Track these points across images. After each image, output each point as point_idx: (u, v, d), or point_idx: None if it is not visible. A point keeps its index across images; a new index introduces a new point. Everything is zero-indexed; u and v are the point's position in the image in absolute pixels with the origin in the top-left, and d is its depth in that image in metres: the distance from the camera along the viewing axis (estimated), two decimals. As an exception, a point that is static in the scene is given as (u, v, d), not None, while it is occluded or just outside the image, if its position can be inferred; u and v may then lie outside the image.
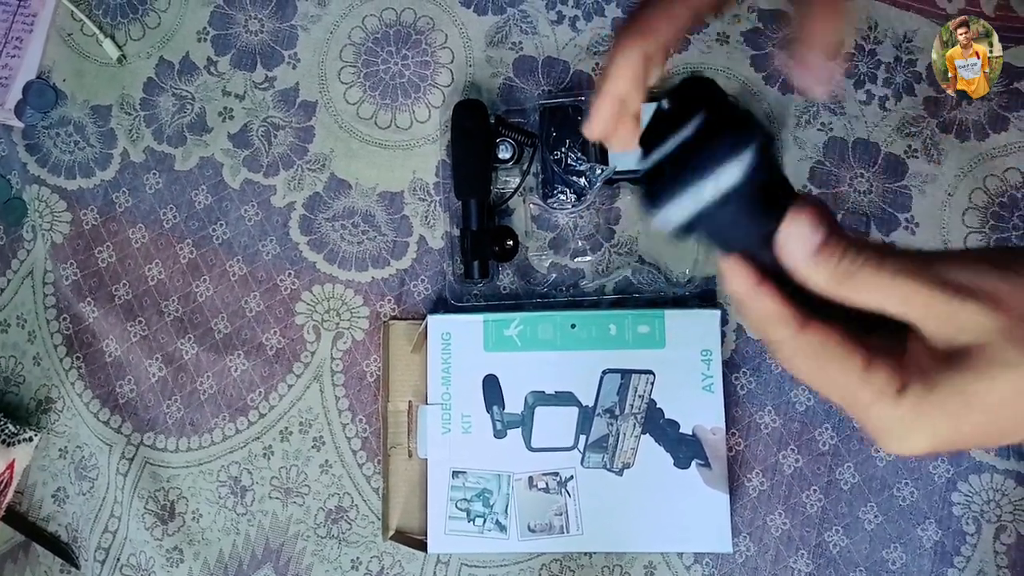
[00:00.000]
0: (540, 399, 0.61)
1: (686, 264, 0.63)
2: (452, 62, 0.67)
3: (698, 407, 0.61)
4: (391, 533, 0.62)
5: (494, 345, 0.62)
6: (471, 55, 0.67)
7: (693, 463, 0.60)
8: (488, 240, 0.62)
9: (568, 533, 0.60)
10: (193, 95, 0.68)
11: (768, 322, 0.30)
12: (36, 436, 0.65)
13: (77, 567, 0.65)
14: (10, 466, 0.64)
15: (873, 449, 0.62)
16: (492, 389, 0.61)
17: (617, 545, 0.61)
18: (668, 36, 0.38)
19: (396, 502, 0.63)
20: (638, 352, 0.61)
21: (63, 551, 0.65)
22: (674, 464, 0.60)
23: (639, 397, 0.61)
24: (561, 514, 0.61)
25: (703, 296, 0.63)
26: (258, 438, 0.65)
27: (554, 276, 0.64)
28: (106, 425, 0.65)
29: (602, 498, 0.60)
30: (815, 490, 0.62)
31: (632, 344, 0.61)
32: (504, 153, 0.63)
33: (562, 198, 0.63)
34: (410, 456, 0.63)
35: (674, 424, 0.61)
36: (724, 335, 0.62)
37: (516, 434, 0.61)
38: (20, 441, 0.64)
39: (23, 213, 0.68)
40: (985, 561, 0.60)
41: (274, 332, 0.65)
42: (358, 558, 0.64)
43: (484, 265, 0.62)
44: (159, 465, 0.65)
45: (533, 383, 0.61)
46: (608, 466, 0.61)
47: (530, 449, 0.61)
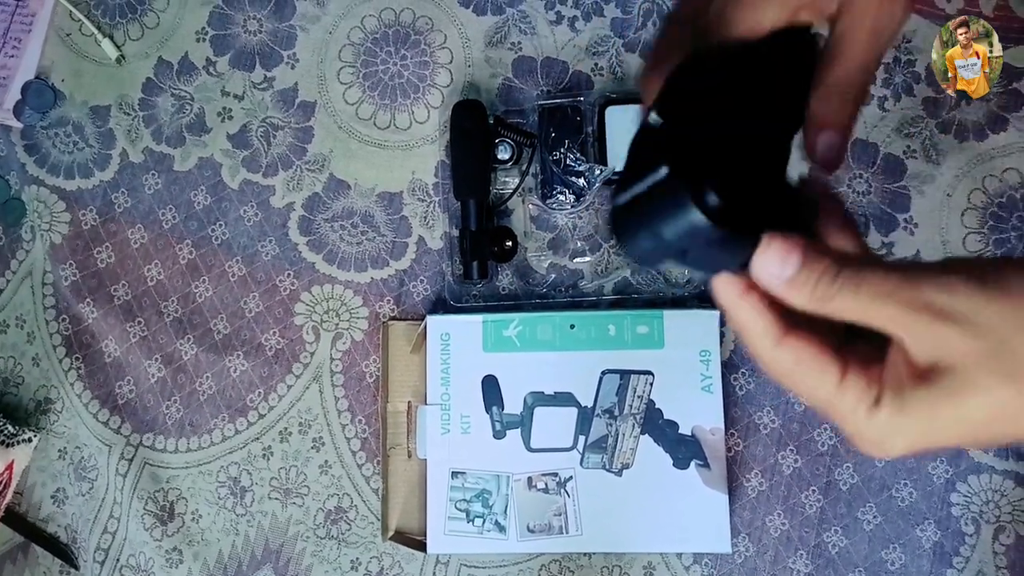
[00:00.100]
0: (539, 400, 0.61)
1: (685, 265, 0.63)
2: (451, 62, 0.67)
3: (697, 407, 0.61)
4: (390, 534, 0.62)
5: (493, 346, 0.62)
6: (470, 55, 0.67)
7: (692, 463, 0.60)
8: (487, 241, 0.62)
9: (567, 534, 0.61)
10: (192, 95, 0.68)
11: (748, 334, 0.31)
12: (35, 437, 0.65)
13: (76, 568, 0.65)
14: (9, 467, 0.64)
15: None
16: (491, 390, 0.61)
17: (616, 545, 0.61)
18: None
19: (395, 503, 0.63)
20: (637, 352, 0.61)
21: (62, 552, 0.65)
22: (673, 465, 0.60)
23: (638, 398, 0.61)
24: (560, 514, 0.61)
25: (702, 297, 0.63)
26: (257, 439, 0.65)
27: (553, 277, 0.64)
28: (105, 426, 0.65)
29: (601, 498, 0.60)
30: (814, 490, 0.62)
31: (631, 345, 0.61)
32: (503, 153, 0.63)
33: (561, 199, 0.63)
34: (409, 457, 0.63)
35: (673, 424, 0.61)
36: (723, 335, 0.62)
37: (515, 435, 0.61)
38: (19, 442, 0.64)
39: (22, 214, 0.68)
40: (984, 562, 0.60)
41: (273, 333, 0.65)
42: (358, 559, 0.64)
43: (483, 266, 0.62)
44: (158, 466, 0.65)
45: (532, 384, 0.61)
46: (607, 467, 0.61)
47: (529, 450, 0.61)
